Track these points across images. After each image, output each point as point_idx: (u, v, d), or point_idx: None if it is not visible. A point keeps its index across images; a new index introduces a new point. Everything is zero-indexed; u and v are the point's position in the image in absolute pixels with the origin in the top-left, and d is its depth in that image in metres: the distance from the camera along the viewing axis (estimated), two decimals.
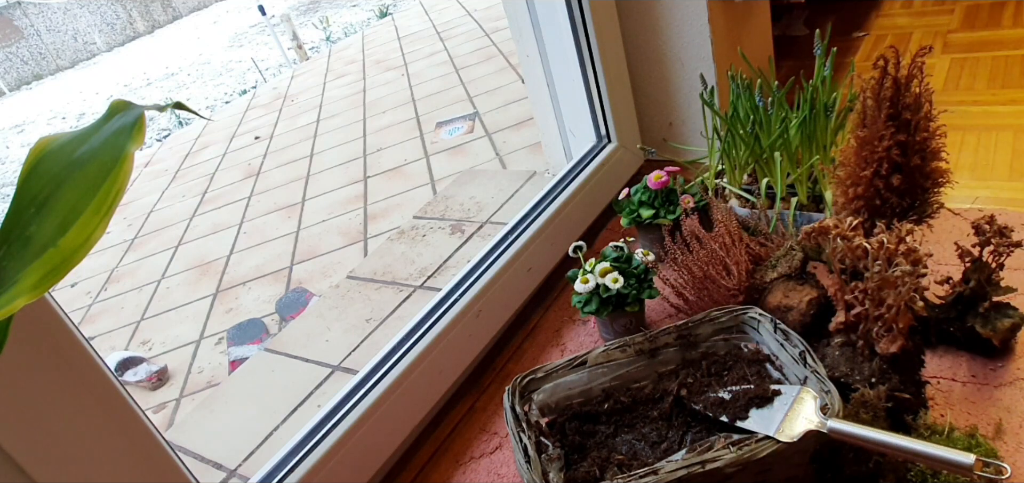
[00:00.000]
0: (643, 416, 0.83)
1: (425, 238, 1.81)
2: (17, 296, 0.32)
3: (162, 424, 1.73)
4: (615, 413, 0.84)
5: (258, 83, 6.04)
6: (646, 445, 0.79)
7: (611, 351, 0.85)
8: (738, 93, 1.12)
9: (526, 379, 0.83)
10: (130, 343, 2.20)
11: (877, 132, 0.83)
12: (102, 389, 0.64)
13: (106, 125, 0.38)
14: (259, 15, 8.06)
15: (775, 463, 0.67)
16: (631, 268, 1.02)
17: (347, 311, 1.60)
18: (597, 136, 1.46)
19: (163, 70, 9.61)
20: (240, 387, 1.51)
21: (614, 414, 0.84)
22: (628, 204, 1.20)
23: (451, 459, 0.97)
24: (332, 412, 0.94)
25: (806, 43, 1.83)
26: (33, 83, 13.45)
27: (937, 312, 0.86)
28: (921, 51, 0.79)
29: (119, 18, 15.11)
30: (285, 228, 2.61)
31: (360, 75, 4.55)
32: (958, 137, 1.29)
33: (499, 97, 3.11)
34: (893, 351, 0.73)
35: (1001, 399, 0.80)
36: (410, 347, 1.02)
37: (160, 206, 3.46)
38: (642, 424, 0.82)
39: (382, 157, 2.93)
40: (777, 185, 1.09)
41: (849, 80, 1.13)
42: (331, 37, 7.00)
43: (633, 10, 1.40)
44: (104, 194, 0.34)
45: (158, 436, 0.70)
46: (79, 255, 0.33)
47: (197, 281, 2.46)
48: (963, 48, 1.62)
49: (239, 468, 1.25)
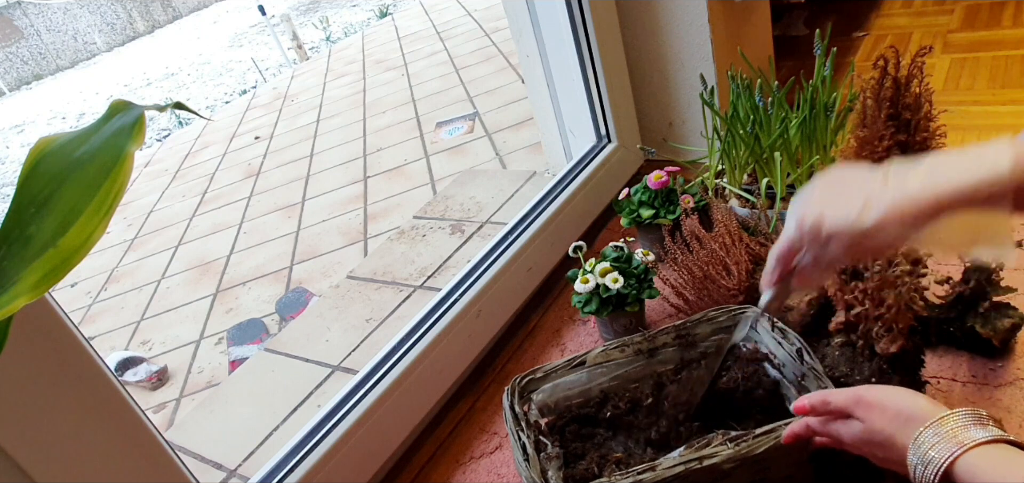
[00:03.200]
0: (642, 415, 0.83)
1: (425, 238, 1.81)
2: (17, 296, 0.32)
3: (162, 424, 1.73)
4: (614, 413, 0.84)
5: (258, 83, 6.04)
6: (644, 443, 0.79)
7: (610, 351, 0.85)
8: (738, 93, 1.12)
9: (525, 379, 0.83)
10: (130, 343, 2.20)
11: (877, 132, 0.82)
12: (102, 389, 0.64)
13: (106, 125, 0.38)
14: (259, 15, 8.06)
15: (773, 460, 0.67)
16: (631, 268, 1.02)
17: (347, 311, 1.60)
18: (597, 136, 1.46)
19: (163, 70, 9.61)
20: (240, 387, 1.51)
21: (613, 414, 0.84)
22: (628, 204, 1.20)
23: (451, 459, 0.97)
24: (332, 412, 0.94)
25: (806, 43, 1.83)
26: (33, 83, 13.46)
27: (937, 312, 0.86)
28: (921, 51, 0.79)
29: (119, 18, 15.11)
30: (285, 228, 2.61)
31: (360, 75, 4.55)
32: (958, 137, 1.29)
33: (499, 97, 3.11)
34: (893, 351, 0.73)
35: (1001, 399, 0.80)
36: (410, 347, 1.02)
37: (160, 206, 3.46)
38: (641, 423, 0.82)
39: (382, 157, 2.93)
40: (777, 185, 1.09)
41: (849, 80, 1.13)
42: (331, 37, 7.01)
43: (633, 10, 1.40)
44: (104, 194, 0.34)
45: (158, 436, 0.70)
46: (79, 255, 0.33)
47: (197, 281, 2.46)
48: (963, 48, 1.62)
49: (239, 468, 1.25)
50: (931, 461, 0.50)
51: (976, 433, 0.50)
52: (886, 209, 0.51)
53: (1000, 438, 0.50)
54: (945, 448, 0.50)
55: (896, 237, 0.52)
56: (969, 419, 0.51)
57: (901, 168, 0.53)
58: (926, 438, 0.52)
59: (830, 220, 0.55)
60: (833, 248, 0.55)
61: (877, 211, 0.52)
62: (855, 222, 0.53)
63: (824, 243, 0.56)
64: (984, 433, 0.50)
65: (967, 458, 0.49)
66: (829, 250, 0.56)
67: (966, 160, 0.50)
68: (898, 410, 0.55)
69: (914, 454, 0.52)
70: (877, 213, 0.52)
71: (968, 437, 0.50)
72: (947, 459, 0.49)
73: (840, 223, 0.54)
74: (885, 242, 0.52)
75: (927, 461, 0.51)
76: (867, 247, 0.54)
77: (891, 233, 0.51)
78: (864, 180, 0.54)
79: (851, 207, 0.53)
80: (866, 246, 0.54)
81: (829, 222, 0.55)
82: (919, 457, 0.51)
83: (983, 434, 0.50)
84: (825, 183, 0.58)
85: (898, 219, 0.51)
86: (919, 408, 0.54)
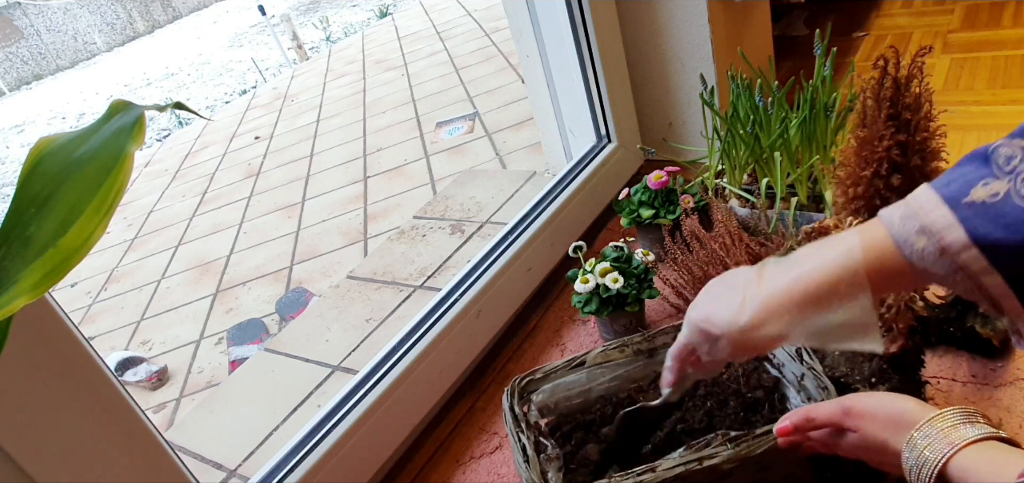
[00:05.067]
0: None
1: (425, 238, 1.81)
2: (17, 296, 0.32)
3: (162, 424, 1.73)
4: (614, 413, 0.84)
5: (258, 83, 6.04)
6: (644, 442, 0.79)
7: (610, 351, 0.85)
8: (738, 93, 1.12)
9: (525, 380, 0.83)
10: (130, 343, 2.20)
11: (877, 132, 0.82)
12: (102, 389, 0.64)
13: (106, 125, 0.38)
14: (259, 15, 8.06)
15: (774, 460, 0.67)
16: (631, 268, 1.02)
17: (347, 311, 1.60)
18: (597, 136, 1.46)
19: (163, 70, 9.61)
20: (240, 387, 1.51)
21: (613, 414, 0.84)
22: (628, 204, 1.20)
23: (451, 459, 0.97)
24: (332, 412, 0.94)
25: (806, 43, 1.83)
26: (33, 83, 13.46)
27: (937, 312, 0.86)
28: (921, 51, 0.79)
29: (119, 18, 15.12)
30: (285, 228, 2.61)
31: (360, 75, 4.55)
32: (958, 137, 1.29)
33: (499, 97, 3.11)
34: (893, 351, 0.73)
35: (1001, 399, 0.80)
36: (410, 347, 1.02)
37: (160, 206, 3.46)
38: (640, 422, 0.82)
39: (382, 157, 2.93)
40: (777, 185, 1.09)
41: (849, 80, 1.13)
42: (331, 37, 7.00)
43: (633, 10, 1.40)
44: (104, 194, 0.34)
45: (158, 436, 0.70)
46: (79, 255, 0.33)
47: (197, 281, 2.46)
48: (963, 48, 1.62)
49: (239, 468, 1.25)
50: (926, 462, 0.51)
51: (967, 431, 0.50)
52: (758, 306, 0.54)
53: (991, 435, 0.50)
54: (938, 448, 0.50)
55: (776, 333, 0.53)
56: (959, 418, 0.52)
57: (773, 265, 0.56)
58: (919, 440, 0.52)
59: (716, 321, 0.58)
60: (722, 346, 0.58)
61: (751, 308, 0.55)
62: (733, 321, 0.56)
63: (714, 342, 0.59)
64: (975, 431, 0.50)
65: (960, 457, 0.49)
66: (719, 348, 0.59)
67: (824, 251, 0.52)
68: (888, 416, 0.56)
69: (908, 457, 0.52)
70: (751, 310, 0.55)
71: (959, 436, 0.50)
72: (941, 459, 0.50)
73: (723, 324, 0.57)
74: (767, 337, 0.54)
75: (922, 463, 0.51)
76: (752, 343, 0.56)
77: (770, 329, 0.53)
78: (745, 281, 0.57)
79: (731, 307, 0.56)
80: (751, 342, 0.55)
81: (715, 323, 0.58)
82: (914, 459, 0.52)
83: (974, 432, 0.50)
84: (714, 285, 0.61)
85: (770, 315, 0.53)
86: (909, 411, 0.54)
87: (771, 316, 0.53)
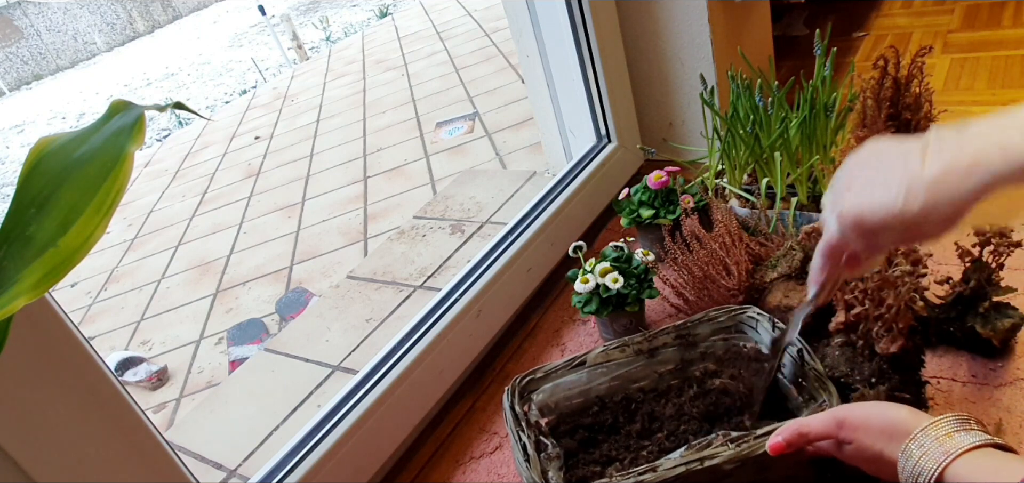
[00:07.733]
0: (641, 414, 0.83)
1: (425, 238, 1.81)
2: (17, 296, 0.32)
3: (162, 424, 1.73)
4: (613, 413, 0.84)
5: (258, 83, 6.04)
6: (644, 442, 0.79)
7: (610, 351, 0.85)
8: (738, 93, 1.12)
9: (525, 379, 0.83)
10: (130, 343, 2.20)
11: (877, 132, 0.83)
12: (102, 389, 0.64)
13: (106, 125, 0.38)
14: (259, 15, 8.06)
15: (774, 460, 0.67)
16: (631, 268, 1.02)
17: (347, 311, 1.60)
18: (597, 136, 1.46)
19: (163, 70, 9.61)
20: (240, 387, 1.51)
21: (613, 414, 0.84)
22: (628, 204, 1.20)
23: (451, 459, 0.97)
24: (332, 412, 0.94)
25: (806, 43, 1.83)
26: (33, 83, 13.45)
27: (937, 312, 0.86)
28: (921, 51, 0.79)
29: (119, 18, 15.11)
30: (285, 228, 2.61)
31: (360, 75, 4.55)
32: None
33: (499, 97, 3.11)
34: (893, 351, 0.73)
35: (1001, 399, 0.80)
36: (410, 347, 1.02)
37: (160, 206, 3.46)
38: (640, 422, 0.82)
39: (382, 157, 2.93)
40: (777, 185, 1.09)
41: (849, 80, 1.12)
42: (331, 37, 7.00)
43: (633, 10, 1.40)
44: (104, 194, 0.34)
45: (158, 436, 0.70)
46: (79, 255, 0.34)
47: (197, 281, 2.46)
48: (963, 48, 1.62)
49: (239, 468, 1.25)
50: (922, 472, 0.50)
51: (962, 439, 0.50)
52: (933, 192, 0.46)
53: (987, 442, 0.50)
54: (934, 457, 0.50)
55: (949, 218, 0.46)
56: (954, 425, 0.51)
57: (940, 141, 0.48)
58: (914, 450, 0.51)
59: (870, 212, 0.49)
60: (884, 239, 0.51)
61: (921, 196, 0.46)
62: (900, 211, 0.47)
63: (872, 235, 0.51)
64: (970, 438, 0.50)
65: (957, 465, 0.49)
66: (880, 241, 0.51)
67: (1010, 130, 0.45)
68: (882, 426, 0.55)
69: (905, 467, 0.52)
70: (921, 198, 0.46)
71: (954, 444, 0.50)
72: (937, 469, 0.49)
73: (882, 214, 0.48)
74: (938, 225, 0.46)
75: (918, 472, 0.51)
76: (919, 234, 0.48)
77: (942, 214, 0.46)
78: (901, 157, 0.48)
79: (890, 193, 0.48)
80: (918, 233, 0.48)
81: (869, 214, 0.49)
82: (910, 469, 0.51)
83: (970, 439, 0.50)
84: (857, 163, 0.52)
85: (947, 201, 0.45)
86: (902, 420, 0.54)
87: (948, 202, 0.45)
